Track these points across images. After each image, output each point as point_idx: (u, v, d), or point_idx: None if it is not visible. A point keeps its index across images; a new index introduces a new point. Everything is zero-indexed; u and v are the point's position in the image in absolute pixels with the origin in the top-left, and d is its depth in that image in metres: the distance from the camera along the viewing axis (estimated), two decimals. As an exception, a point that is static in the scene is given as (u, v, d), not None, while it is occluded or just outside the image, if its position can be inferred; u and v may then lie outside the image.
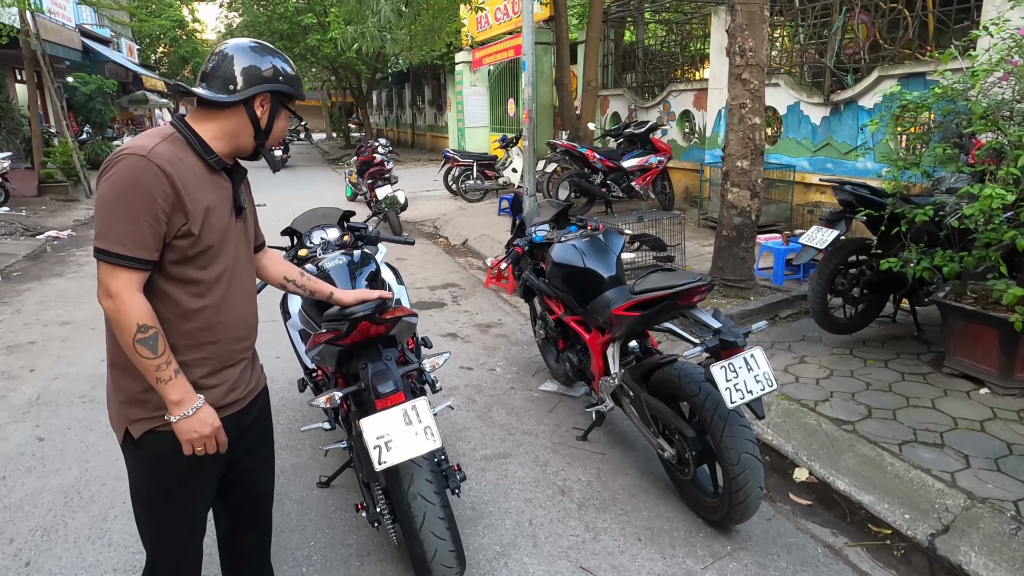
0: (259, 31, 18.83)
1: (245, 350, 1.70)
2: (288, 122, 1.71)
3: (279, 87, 1.59)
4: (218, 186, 1.58)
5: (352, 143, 26.68)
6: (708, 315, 2.43)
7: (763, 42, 4.62)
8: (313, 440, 3.41)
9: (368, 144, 9.90)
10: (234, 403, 1.66)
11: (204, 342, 1.57)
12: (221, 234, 1.57)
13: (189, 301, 1.53)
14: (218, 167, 1.58)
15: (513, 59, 14.58)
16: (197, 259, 1.53)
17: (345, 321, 2.02)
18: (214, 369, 1.60)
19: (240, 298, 1.65)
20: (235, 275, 1.63)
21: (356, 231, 3.23)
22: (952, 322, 3.64)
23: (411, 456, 1.93)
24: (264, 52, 1.61)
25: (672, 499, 2.86)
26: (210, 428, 1.52)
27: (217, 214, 1.56)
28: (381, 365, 2.03)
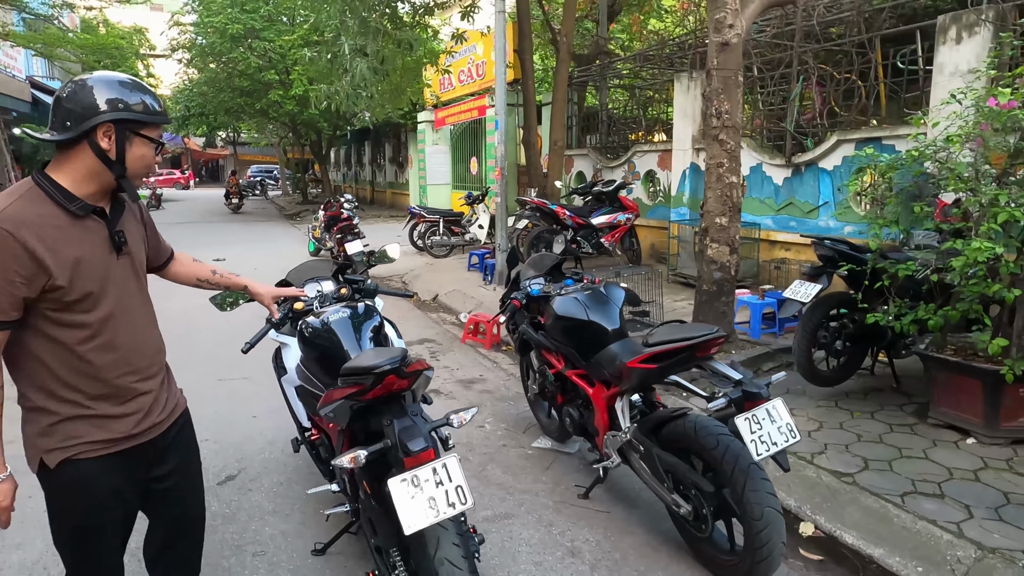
0: (219, 87, 18.80)
1: (151, 378, 1.75)
2: (150, 149, 1.64)
3: (118, 115, 1.55)
4: (88, 231, 1.59)
5: (310, 199, 26.53)
6: (728, 366, 2.43)
7: (738, 105, 4.83)
8: (301, 504, 3.22)
9: (336, 199, 9.85)
10: (149, 429, 1.73)
11: (103, 378, 1.62)
12: (100, 277, 1.59)
13: (79, 343, 1.57)
14: (84, 212, 1.57)
15: (476, 119, 14.90)
16: (77, 304, 1.56)
17: (369, 375, 1.93)
18: (120, 401, 1.66)
19: (133, 332, 1.69)
20: (124, 311, 1.66)
21: (354, 284, 3.15)
22: (935, 374, 3.75)
23: (444, 518, 1.82)
24: (104, 82, 1.57)
25: (685, 558, 2.79)
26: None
27: (90, 260, 1.57)
28: (408, 421, 1.94)
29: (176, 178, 38.52)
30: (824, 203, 6.89)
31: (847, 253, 4.02)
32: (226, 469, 3.59)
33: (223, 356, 5.47)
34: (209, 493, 3.25)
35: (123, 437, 1.68)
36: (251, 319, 3.07)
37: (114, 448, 1.67)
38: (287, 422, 4.20)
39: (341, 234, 8.63)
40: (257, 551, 2.83)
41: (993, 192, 3.19)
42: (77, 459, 1.61)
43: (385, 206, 21.99)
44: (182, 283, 2.13)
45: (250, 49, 16.99)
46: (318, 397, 2.66)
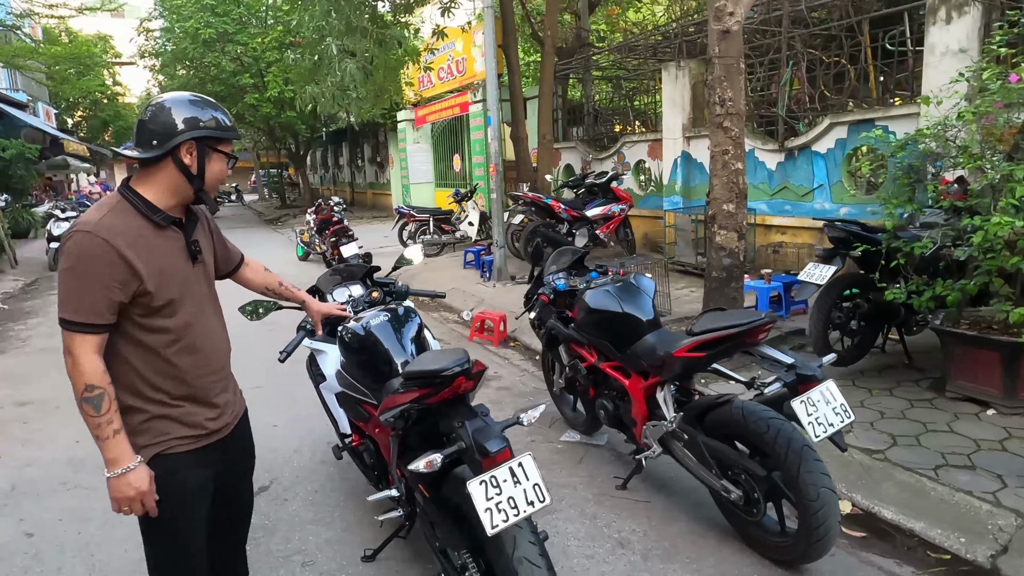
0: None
1: (224, 378, 1.89)
2: (225, 163, 1.76)
3: (199, 133, 1.66)
4: (169, 241, 1.71)
5: (288, 203, 26.24)
6: (778, 351, 2.45)
7: (740, 92, 4.87)
8: (341, 511, 3.19)
9: (326, 203, 9.75)
10: (224, 427, 1.85)
11: (185, 379, 1.73)
12: (181, 284, 1.71)
13: (164, 346, 1.69)
14: (165, 223, 1.70)
15: (457, 116, 14.84)
16: (163, 310, 1.67)
17: (437, 378, 1.92)
18: (201, 400, 1.78)
19: (209, 335, 1.81)
20: (201, 315, 1.78)
21: (385, 287, 3.13)
22: (952, 348, 3.82)
23: (525, 516, 1.82)
24: (180, 103, 1.68)
25: (732, 542, 2.81)
26: (135, 491, 1.62)
27: (172, 269, 1.70)
28: (479, 422, 1.93)
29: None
30: (819, 186, 6.98)
31: (860, 234, 4.08)
32: (257, 481, 3.47)
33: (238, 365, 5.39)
34: (245, 505, 3.24)
35: (205, 433, 1.79)
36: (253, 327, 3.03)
37: (198, 444, 1.78)
38: (309, 430, 4.18)
39: (335, 237, 8.55)
40: (306, 561, 2.80)
41: (1008, 167, 3.26)
42: (168, 454, 1.72)
43: (367, 207, 21.82)
44: (252, 288, 2.27)
45: (223, 53, 16.72)
46: (362, 403, 2.64)
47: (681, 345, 2.59)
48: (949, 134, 3.81)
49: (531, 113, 11.21)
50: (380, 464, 2.74)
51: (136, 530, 1.84)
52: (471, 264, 9.46)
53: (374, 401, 2.59)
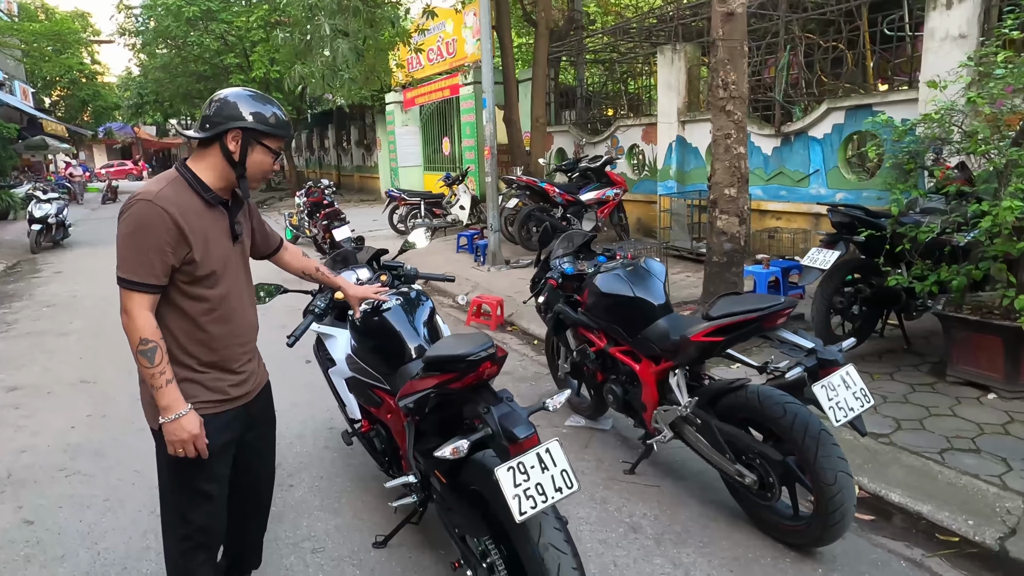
0: (174, 72, 18.12)
1: (251, 350, 2.04)
2: (269, 157, 1.87)
3: (247, 124, 1.79)
4: (215, 219, 1.85)
5: (272, 186, 25.88)
6: (797, 335, 2.44)
7: (744, 75, 4.83)
8: (349, 497, 3.16)
9: (316, 185, 9.61)
10: (245, 394, 1.98)
11: (217, 347, 1.88)
12: (223, 259, 1.86)
13: (201, 314, 1.83)
14: (215, 202, 1.85)
15: (447, 99, 14.67)
16: (204, 280, 1.81)
17: (463, 363, 1.88)
18: (228, 368, 1.92)
19: (243, 308, 1.97)
20: (237, 290, 1.93)
21: (393, 270, 3.08)
22: (954, 333, 3.85)
23: (553, 503, 1.79)
24: (242, 96, 1.83)
25: (743, 525, 2.82)
26: (188, 434, 1.77)
27: (217, 243, 1.84)
28: (505, 407, 1.89)
29: (128, 169, 37.16)
30: (815, 171, 6.99)
31: (864, 219, 4.08)
32: (260, 466, 3.49)
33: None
34: (250, 491, 3.19)
35: (227, 399, 1.92)
36: None
37: (220, 408, 1.90)
38: (310, 415, 4.13)
39: (327, 221, 8.44)
40: (316, 548, 2.77)
41: (1016, 152, 3.26)
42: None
43: (354, 190, 21.58)
44: (290, 271, 2.41)
45: (207, 32, 16.37)
46: (373, 388, 2.60)
47: (698, 329, 2.57)
48: (955, 119, 3.80)
49: (523, 96, 11.11)
50: (392, 450, 2.71)
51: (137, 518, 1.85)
52: (464, 248, 9.40)
53: (387, 386, 2.56)
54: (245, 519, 2.20)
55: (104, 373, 5.10)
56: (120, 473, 3.47)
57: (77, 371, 5.19)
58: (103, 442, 3.84)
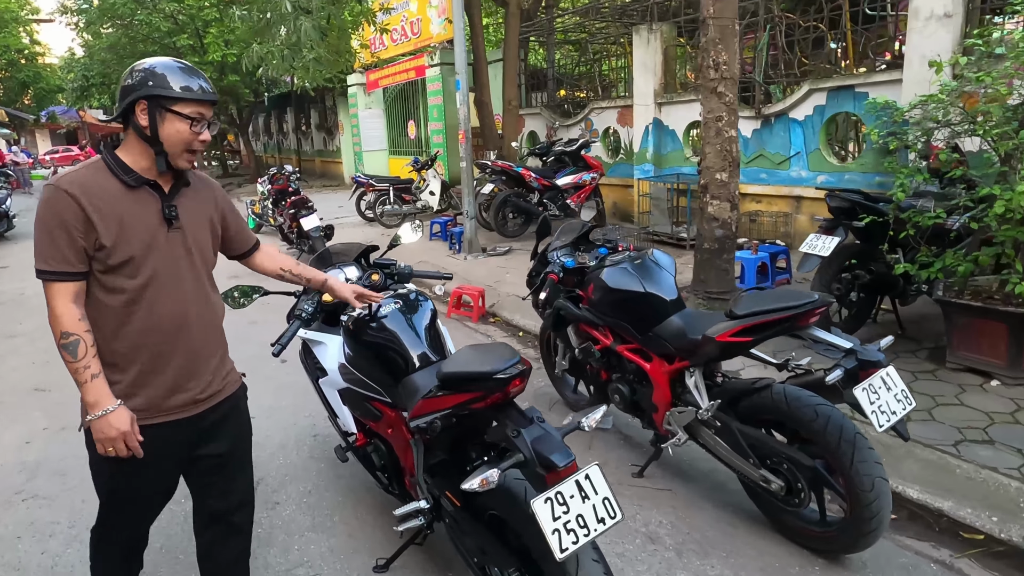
0: (122, 53, 17.19)
1: (190, 354, 1.79)
2: (184, 124, 1.68)
3: (148, 91, 1.64)
4: (140, 202, 1.70)
5: (230, 171, 25.01)
6: (834, 334, 2.29)
7: (735, 55, 4.67)
8: (342, 514, 2.92)
9: (281, 171, 9.17)
10: (187, 405, 1.79)
11: (141, 344, 1.71)
12: (144, 245, 1.68)
13: (121, 307, 1.69)
14: (136, 184, 1.70)
15: (412, 81, 14.26)
16: (121, 268, 1.66)
17: (490, 381, 1.67)
18: (162, 374, 1.74)
19: (178, 305, 1.75)
20: (169, 282, 1.73)
21: (385, 268, 2.83)
22: (955, 319, 3.78)
23: (595, 537, 1.61)
24: (145, 65, 1.68)
25: (764, 532, 2.69)
26: (116, 431, 1.65)
27: (137, 228, 1.67)
28: (537, 429, 1.69)
29: (75, 155, 35.46)
30: (795, 153, 6.91)
31: (864, 204, 3.97)
32: (242, 481, 3.22)
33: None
34: (233, 512, 2.93)
35: (156, 409, 1.75)
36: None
37: (148, 420, 1.73)
38: (291, 422, 3.87)
39: (294, 209, 8.06)
40: (311, 574, 2.54)
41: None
42: None
43: (316, 176, 20.95)
44: (266, 274, 2.19)
45: (155, 10, 15.52)
46: (372, 400, 2.38)
47: (724, 329, 2.40)
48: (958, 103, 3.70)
49: (492, 78, 10.81)
50: (392, 466, 2.49)
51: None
52: (437, 236, 9.13)
53: (387, 399, 2.33)
54: (213, 544, 2.02)
55: (60, 379, 4.69)
56: (85, 494, 3.16)
57: (30, 378, 4.79)
58: (64, 459, 3.51)
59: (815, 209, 6.83)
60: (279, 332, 2.36)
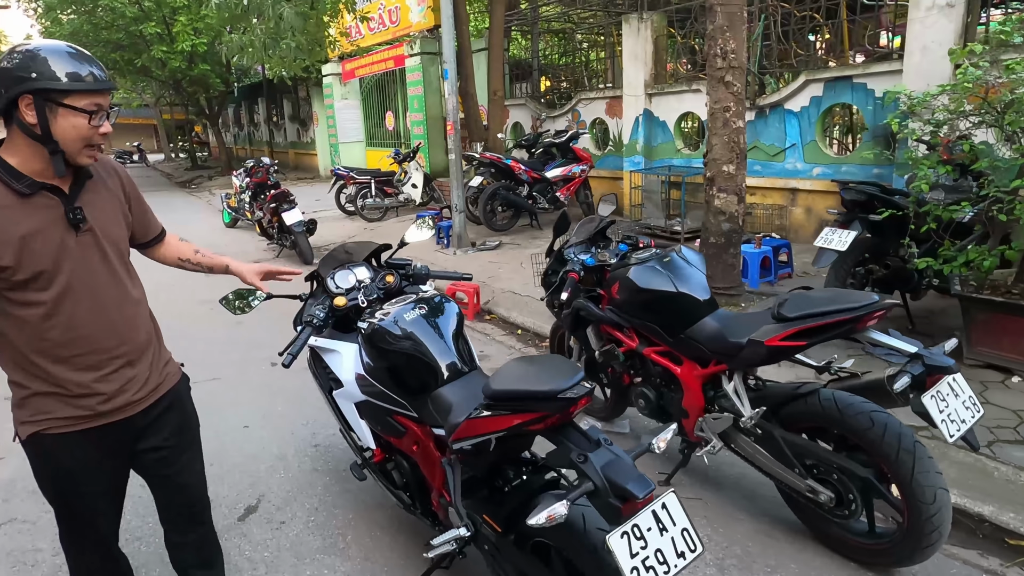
0: (85, 43, 16.50)
1: (121, 356, 1.71)
2: (81, 119, 1.50)
3: (36, 85, 1.44)
4: (39, 209, 1.54)
5: (199, 164, 24.34)
6: (898, 337, 2.15)
7: (743, 43, 4.53)
8: (355, 533, 2.72)
9: (260, 164, 8.83)
10: (124, 407, 1.72)
11: (65, 356, 1.61)
12: (53, 255, 1.55)
13: (38, 321, 1.57)
14: (32, 190, 1.53)
15: (391, 70, 13.92)
16: (31, 283, 1.53)
17: (554, 401, 1.49)
18: (85, 379, 1.64)
19: (98, 310, 1.64)
20: (86, 289, 1.61)
21: (400, 268, 2.63)
22: (975, 314, 3.70)
23: (677, 574, 1.44)
24: (22, 54, 1.47)
25: (806, 543, 2.56)
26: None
27: (40, 238, 1.53)
28: (607, 454, 1.51)
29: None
30: (791, 145, 6.83)
31: (881, 197, 3.87)
32: (241, 499, 3.00)
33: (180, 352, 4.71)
34: (234, 534, 2.71)
35: (91, 415, 1.68)
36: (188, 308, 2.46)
37: (83, 425, 1.67)
38: (289, 430, 3.64)
39: (275, 203, 7.75)
40: (329, 604, 2.34)
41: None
42: (45, 433, 1.65)
43: (289, 168, 20.43)
44: (166, 264, 2.08)
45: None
46: (394, 413, 2.18)
47: (773, 333, 2.25)
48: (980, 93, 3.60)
49: (476, 68, 10.56)
50: (416, 484, 2.29)
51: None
52: (424, 230, 8.87)
53: (412, 413, 2.13)
54: (176, 533, 2.00)
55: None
56: (68, 517, 2.91)
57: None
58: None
59: (811, 202, 6.77)
60: (268, 332, 2.22)
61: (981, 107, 3.66)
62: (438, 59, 12.32)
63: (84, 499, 1.75)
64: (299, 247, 7.66)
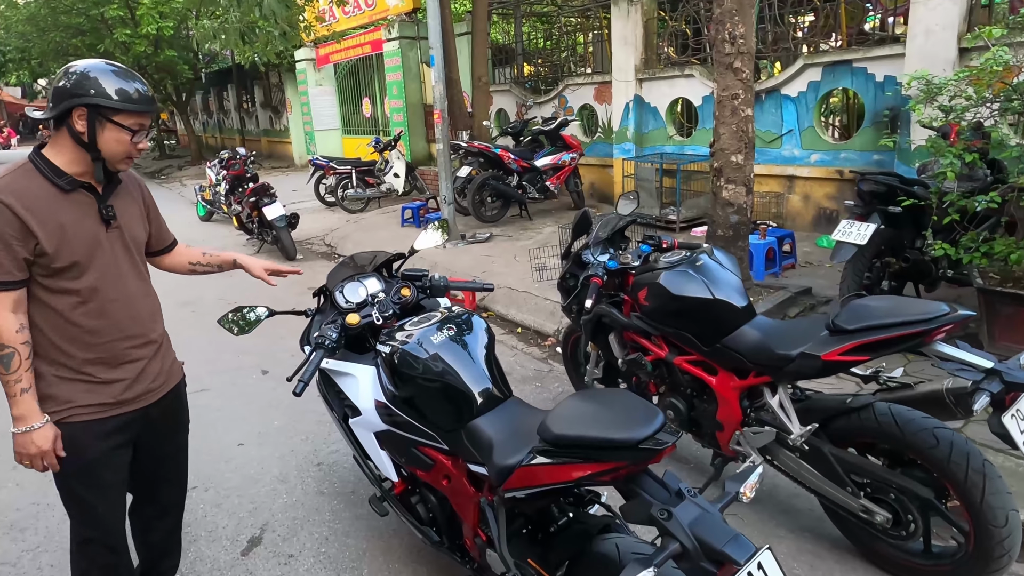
0: (43, 27, 15.75)
1: (143, 346, 1.85)
2: (125, 135, 1.68)
3: (91, 100, 1.61)
4: (77, 204, 1.70)
5: (168, 153, 23.57)
6: (971, 351, 2.00)
7: (752, 28, 4.35)
8: (371, 567, 2.51)
9: (236, 155, 8.45)
10: (141, 395, 1.85)
11: (93, 343, 1.74)
12: (88, 248, 1.70)
13: (70, 309, 1.70)
14: (71, 187, 1.69)
15: (368, 55, 13.51)
16: (67, 271, 1.67)
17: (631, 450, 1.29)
18: (111, 366, 1.78)
19: (125, 300, 1.79)
20: (115, 280, 1.77)
21: (416, 281, 2.41)
22: (997, 308, 3.60)
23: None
24: (88, 69, 1.64)
25: (855, 562, 2.42)
26: (36, 449, 1.67)
27: (79, 231, 1.68)
28: (693, 508, 1.32)
29: (-9, 136, 32.88)
30: (788, 131, 6.69)
31: (901, 187, 3.73)
32: (243, 530, 2.77)
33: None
34: (239, 572, 2.50)
35: (114, 402, 1.79)
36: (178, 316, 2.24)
37: (105, 413, 1.78)
38: (289, 448, 3.41)
39: (255, 197, 7.41)
40: (351, 652, 2.14)
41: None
42: (68, 421, 1.73)
43: (263, 156, 19.78)
44: (177, 272, 2.18)
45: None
46: (419, 444, 1.98)
47: (833, 346, 2.08)
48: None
49: (458, 53, 10.23)
50: (446, 519, 2.09)
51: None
52: (409, 222, 8.62)
53: (443, 446, 1.93)
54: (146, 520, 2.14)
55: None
56: (53, 556, 2.66)
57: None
58: (20, 508, 2.98)
59: (808, 189, 6.65)
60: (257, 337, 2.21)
61: (1006, 93, 3.53)
62: (417, 44, 11.96)
63: (104, 495, 1.83)
64: (281, 242, 7.35)
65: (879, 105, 5.88)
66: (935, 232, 3.84)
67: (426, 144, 12.33)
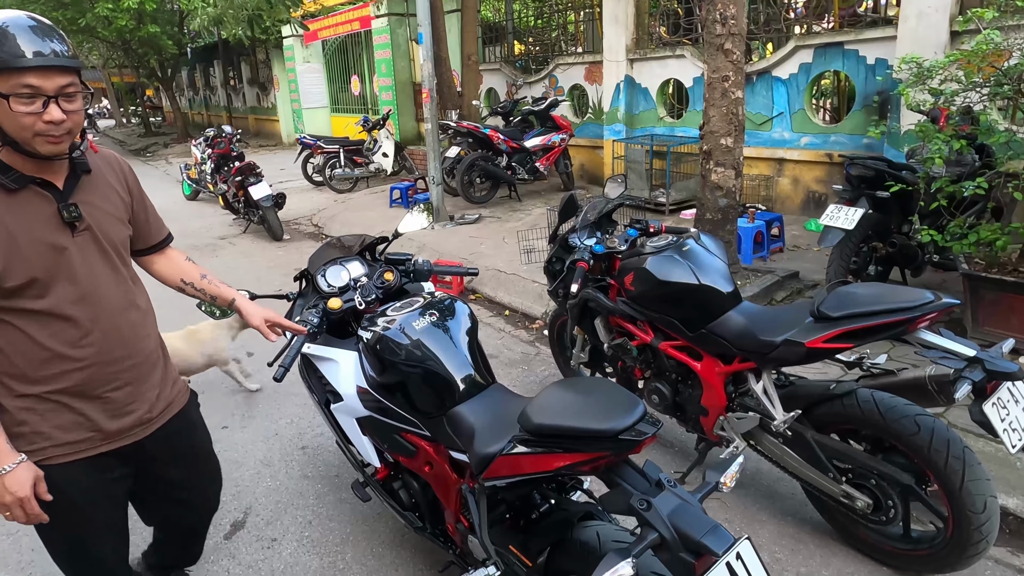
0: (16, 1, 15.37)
1: (129, 369, 1.56)
2: (23, 105, 1.28)
3: None
4: (28, 206, 1.39)
5: (153, 130, 23.24)
6: (954, 339, 1.99)
7: (744, 8, 4.30)
8: (354, 550, 2.51)
9: (221, 132, 8.31)
10: (130, 428, 1.58)
11: (67, 370, 1.46)
12: (46, 258, 1.40)
13: (37, 331, 1.42)
14: (18, 184, 1.37)
15: (356, 32, 13.30)
16: (24, 290, 1.39)
17: (610, 441, 1.28)
18: (94, 396, 1.51)
19: (102, 317, 1.49)
20: (88, 294, 1.47)
21: (400, 264, 2.38)
22: (983, 293, 3.61)
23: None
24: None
25: (836, 547, 2.44)
26: (11, 497, 1.39)
27: (32, 239, 1.38)
28: (672, 498, 1.31)
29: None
30: (779, 114, 6.66)
31: (890, 172, 3.72)
32: (227, 513, 2.75)
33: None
34: (222, 555, 2.49)
35: (97, 437, 1.53)
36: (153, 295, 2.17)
37: (87, 452, 1.53)
38: (272, 431, 3.39)
39: (241, 177, 7.31)
40: (334, 636, 2.14)
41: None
42: (46, 464, 1.48)
43: (249, 134, 19.57)
44: (165, 282, 1.85)
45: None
46: (401, 431, 1.97)
47: (817, 333, 2.07)
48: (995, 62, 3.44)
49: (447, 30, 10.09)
50: (428, 504, 2.09)
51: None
52: (398, 202, 8.55)
53: (424, 432, 1.92)
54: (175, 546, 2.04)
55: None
56: (34, 539, 2.60)
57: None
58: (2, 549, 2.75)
59: (798, 172, 6.64)
60: None
61: (996, 77, 3.51)
62: (406, 21, 11.78)
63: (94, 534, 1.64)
64: (267, 222, 7.28)
65: (870, 88, 5.85)
66: (922, 217, 3.85)
67: (415, 123, 12.21)
